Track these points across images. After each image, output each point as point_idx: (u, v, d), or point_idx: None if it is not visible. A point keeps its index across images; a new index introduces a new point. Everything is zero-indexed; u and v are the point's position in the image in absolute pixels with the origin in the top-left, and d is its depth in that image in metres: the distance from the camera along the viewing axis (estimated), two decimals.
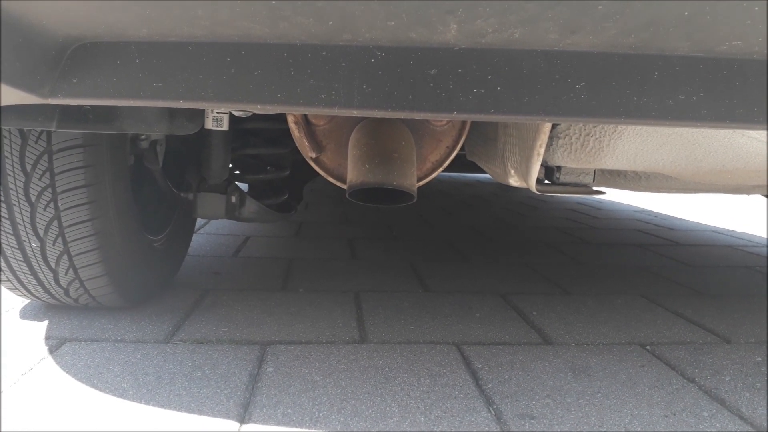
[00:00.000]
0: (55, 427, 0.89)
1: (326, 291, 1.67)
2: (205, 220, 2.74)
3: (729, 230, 3.34)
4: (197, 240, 2.31)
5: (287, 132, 1.58)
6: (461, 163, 2.59)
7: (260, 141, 1.62)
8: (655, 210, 4.20)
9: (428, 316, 1.48)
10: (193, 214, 1.46)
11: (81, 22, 0.61)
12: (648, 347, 1.33)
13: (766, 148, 0.85)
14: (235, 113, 0.95)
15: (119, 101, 0.66)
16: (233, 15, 0.57)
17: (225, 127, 1.32)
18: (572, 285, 1.87)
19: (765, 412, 1.03)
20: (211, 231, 2.52)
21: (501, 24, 0.54)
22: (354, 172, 0.91)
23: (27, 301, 1.47)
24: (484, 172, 3.71)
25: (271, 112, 0.76)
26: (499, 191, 4.98)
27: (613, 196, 5.07)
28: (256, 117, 1.54)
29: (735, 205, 4.88)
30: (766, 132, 0.83)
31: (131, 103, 0.66)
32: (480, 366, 1.18)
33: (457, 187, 5.11)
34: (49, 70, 0.65)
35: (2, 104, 0.69)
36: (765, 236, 3.19)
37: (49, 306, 1.43)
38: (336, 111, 0.62)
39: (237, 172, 1.66)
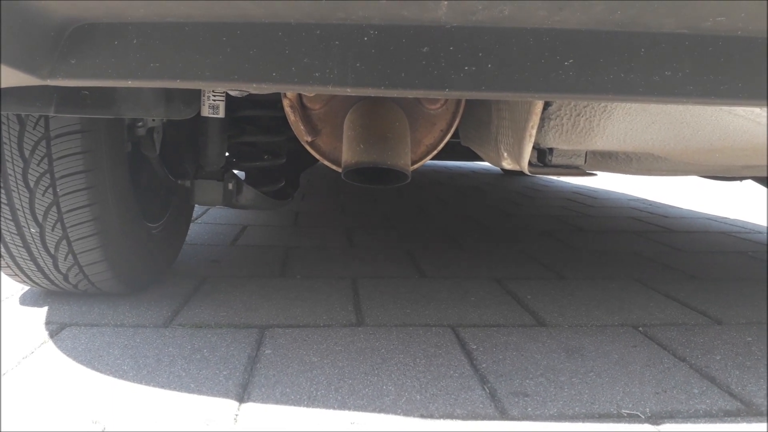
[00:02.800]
0: (57, 406, 0.90)
1: (324, 277, 1.69)
2: (202, 210, 2.75)
3: (722, 217, 3.36)
4: (195, 229, 2.32)
5: (283, 120, 1.59)
6: (456, 151, 2.61)
7: (256, 129, 1.63)
8: (649, 198, 4.23)
9: (424, 300, 1.50)
10: (191, 201, 1.48)
11: (79, 3, 0.62)
12: (640, 328, 1.35)
13: (752, 125, 0.86)
14: (232, 93, 0.97)
15: (117, 82, 0.67)
16: None
17: (221, 114, 1.33)
18: (567, 270, 1.89)
19: (754, 388, 1.05)
20: (208, 220, 2.53)
21: (490, 1, 0.55)
22: (349, 153, 0.93)
23: (27, 287, 1.48)
24: (478, 159, 3.71)
25: (266, 92, 0.77)
26: (494, 181, 5.00)
27: (608, 184, 5.09)
28: (252, 104, 1.55)
29: (728, 192, 4.91)
30: (752, 109, 0.85)
31: (129, 83, 0.67)
32: (475, 347, 1.20)
33: (452, 177, 5.12)
34: (48, 52, 0.66)
35: (2, 86, 0.70)
36: (757, 222, 3.21)
37: (49, 292, 1.44)
38: (330, 89, 0.63)
39: (234, 159, 1.67)
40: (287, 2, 0.59)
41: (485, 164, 6.67)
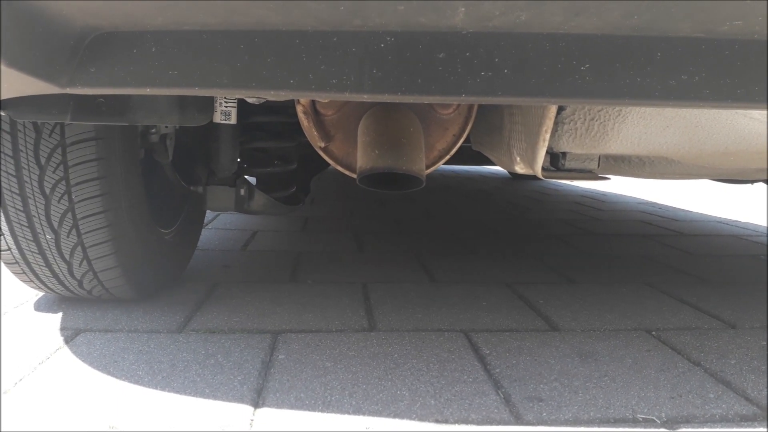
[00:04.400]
0: (73, 411, 0.91)
1: (334, 282, 1.69)
2: (212, 215, 2.76)
3: (733, 220, 3.34)
4: (206, 235, 2.33)
5: (294, 125, 1.60)
6: (467, 155, 2.61)
7: (268, 135, 1.64)
8: (659, 201, 4.21)
9: (435, 305, 1.50)
10: (204, 207, 1.48)
11: (98, 12, 0.63)
12: (654, 333, 1.34)
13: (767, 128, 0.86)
14: (249, 100, 0.98)
15: (136, 90, 0.68)
16: (247, 3, 0.58)
17: (233, 120, 1.34)
18: (578, 274, 1.89)
19: None
20: (219, 226, 2.54)
21: (507, 7, 0.55)
22: (364, 158, 0.93)
23: (41, 294, 1.49)
24: (489, 163, 3.71)
25: (283, 98, 0.78)
26: (503, 185, 5.00)
27: (618, 188, 5.07)
28: (263, 110, 1.56)
29: (739, 195, 4.88)
30: (767, 113, 0.85)
31: (147, 91, 0.68)
32: (488, 352, 1.20)
33: (461, 182, 5.12)
34: (67, 60, 0.67)
35: (22, 94, 0.71)
36: (767, 224, 3.19)
37: (63, 298, 1.45)
38: (347, 96, 0.64)
39: (245, 165, 1.68)
40: (304, 9, 0.59)
41: (493, 168, 6.67)
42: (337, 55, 0.62)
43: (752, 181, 2.25)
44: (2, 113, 0.89)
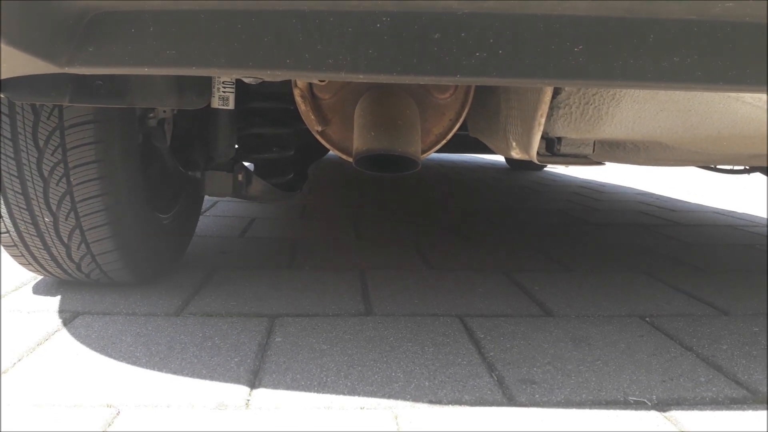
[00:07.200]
0: (71, 391, 0.92)
1: (332, 269, 1.70)
2: (210, 203, 2.77)
3: (730, 211, 3.36)
4: (204, 221, 2.34)
5: (291, 112, 1.60)
6: (465, 144, 2.62)
7: (265, 121, 1.65)
8: (657, 192, 4.22)
9: (432, 291, 1.51)
10: (202, 192, 1.49)
11: None
12: (647, 319, 1.35)
13: (760, 113, 0.87)
14: (245, 80, 0.98)
15: (134, 70, 0.69)
16: None
17: (231, 106, 1.34)
18: (574, 263, 1.90)
19: (760, 377, 1.06)
20: (217, 213, 2.55)
21: None
22: (360, 140, 0.94)
23: (40, 277, 1.50)
24: (487, 152, 3.71)
25: (279, 79, 0.79)
26: (501, 175, 5.00)
27: (615, 179, 5.08)
28: (261, 96, 1.56)
29: (736, 186, 4.89)
30: (760, 96, 0.85)
31: (145, 71, 0.68)
32: (482, 336, 1.21)
33: (460, 172, 5.12)
34: (66, 40, 0.67)
35: (22, 74, 0.71)
36: (765, 216, 3.20)
37: (61, 282, 1.46)
38: (342, 76, 0.64)
39: (243, 151, 1.69)
40: None
41: (492, 159, 6.67)
42: (333, 35, 0.62)
43: (749, 171, 2.26)
44: (1, 95, 0.89)
